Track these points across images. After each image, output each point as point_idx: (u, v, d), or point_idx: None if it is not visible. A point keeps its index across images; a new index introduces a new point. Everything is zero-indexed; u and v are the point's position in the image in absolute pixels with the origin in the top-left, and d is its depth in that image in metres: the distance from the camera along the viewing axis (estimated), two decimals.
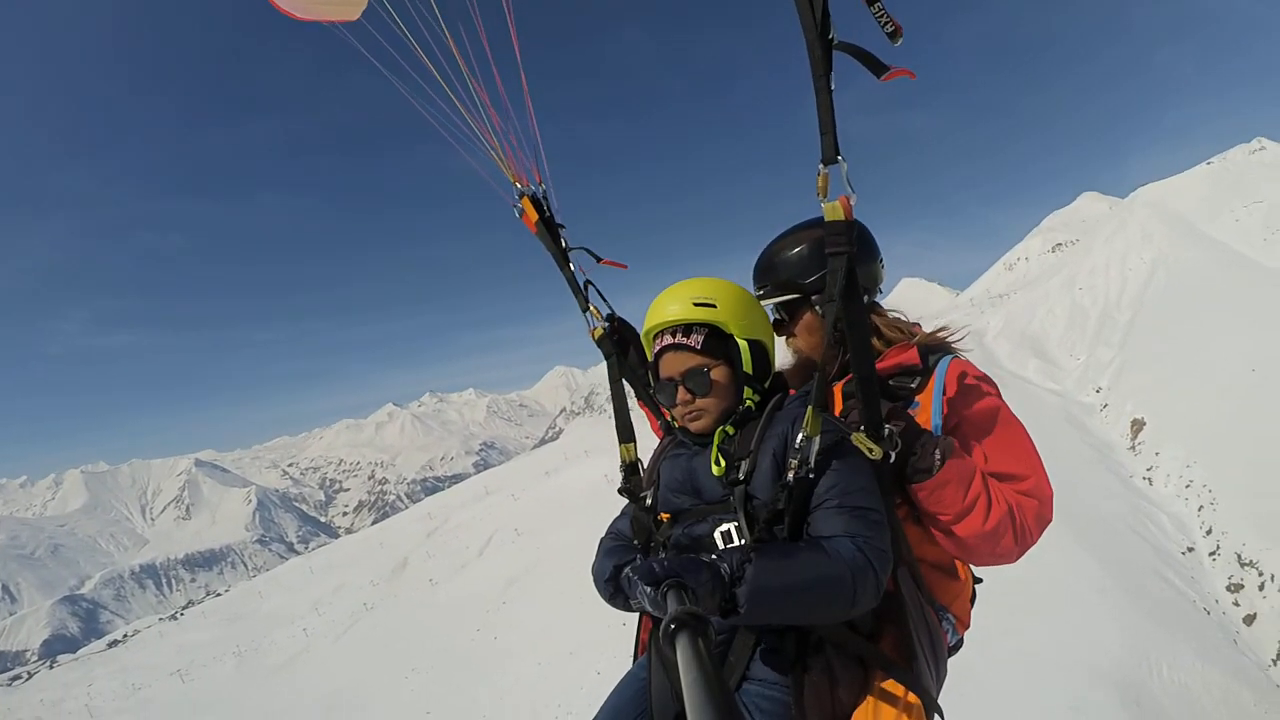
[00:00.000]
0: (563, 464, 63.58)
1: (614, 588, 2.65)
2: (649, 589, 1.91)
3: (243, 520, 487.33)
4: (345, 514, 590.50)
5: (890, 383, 2.92)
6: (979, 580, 3.22)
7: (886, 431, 2.54)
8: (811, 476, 2.39)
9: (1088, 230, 71.86)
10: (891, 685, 2.45)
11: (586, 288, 3.41)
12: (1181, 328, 32.85)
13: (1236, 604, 20.51)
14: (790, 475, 2.39)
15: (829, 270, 2.46)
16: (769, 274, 3.26)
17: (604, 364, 3.30)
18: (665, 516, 2.73)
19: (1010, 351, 41.07)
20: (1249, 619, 20.47)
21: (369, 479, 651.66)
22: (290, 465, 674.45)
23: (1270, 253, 36.71)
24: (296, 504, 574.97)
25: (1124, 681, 14.80)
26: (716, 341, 2.62)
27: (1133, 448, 27.98)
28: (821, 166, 2.31)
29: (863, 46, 2.20)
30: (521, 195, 3.42)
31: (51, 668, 74.03)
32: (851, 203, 2.39)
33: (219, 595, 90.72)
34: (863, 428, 2.50)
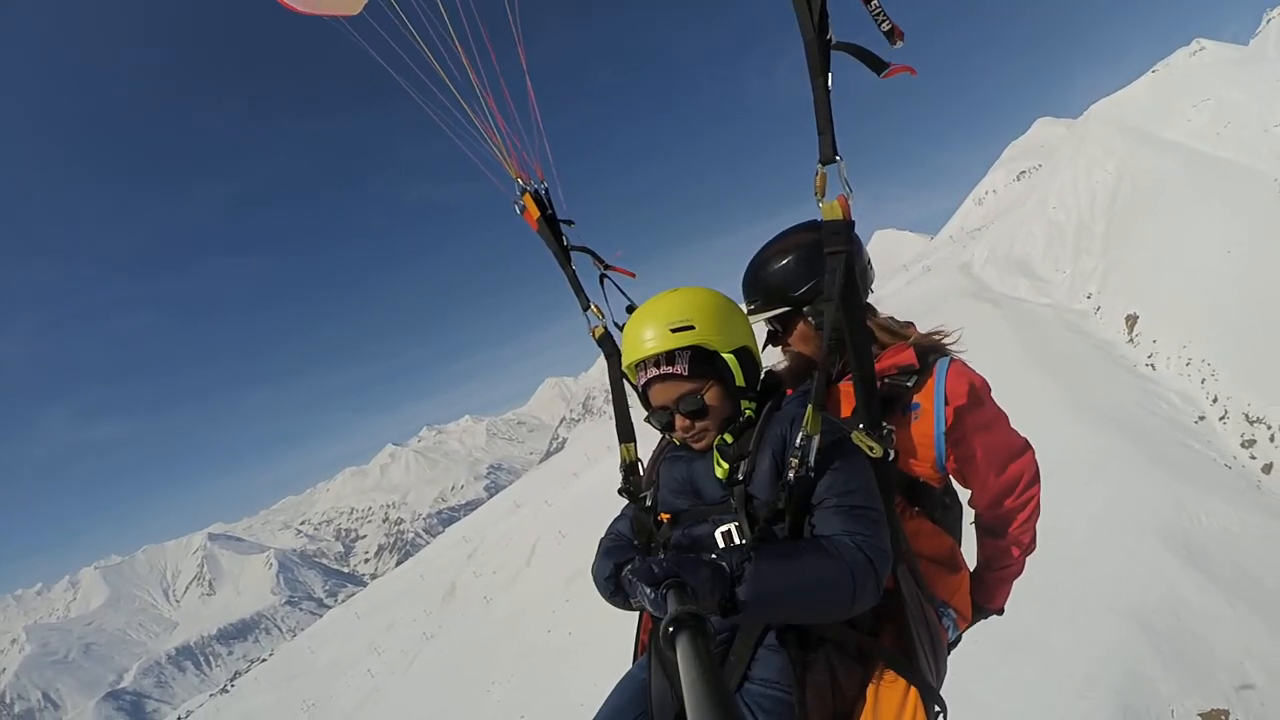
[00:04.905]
0: (586, 464, 63.40)
1: (614, 586, 2.66)
2: (649, 589, 1.92)
3: (267, 585, 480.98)
4: (367, 560, 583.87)
5: (886, 381, 2.91)
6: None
7: (885, 430, 2.63)
8: (812, 476, 2.40)
9: (1048, 154, 72.22)
10: (891, 681, 2.50)
11: (603, 281, 3.38)
12: (1155, 226, 33.96)
13: (1253, 457, 22.04)
14: (791, 474, 2.39)
15: (828, 270, 2.49)
16: (757, 288, 3.24)
17: (595, 368, 3.44)
18: (665, 517, 2.71)
19: (999, 276, 42.05)
20: (1267, 468, 22.02)
21: (384, 522, 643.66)
22: (303, 523, 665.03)
23: (1224, 145, 37.52)
24: (317, 560, 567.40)
25: (1169, 533, 16.24)
26: (703, 361, 2.54)
27: (1131, 340, 29.38)
28: (820, 166, 2.34)
29: (862, 45, 2.25)
30: (523, 192, 3.39)
31: None
32: (850, 202, 2.43)
33: (263, 661, 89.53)
34: (862, 426, 2.58)
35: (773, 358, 3.18)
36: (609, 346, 3.23)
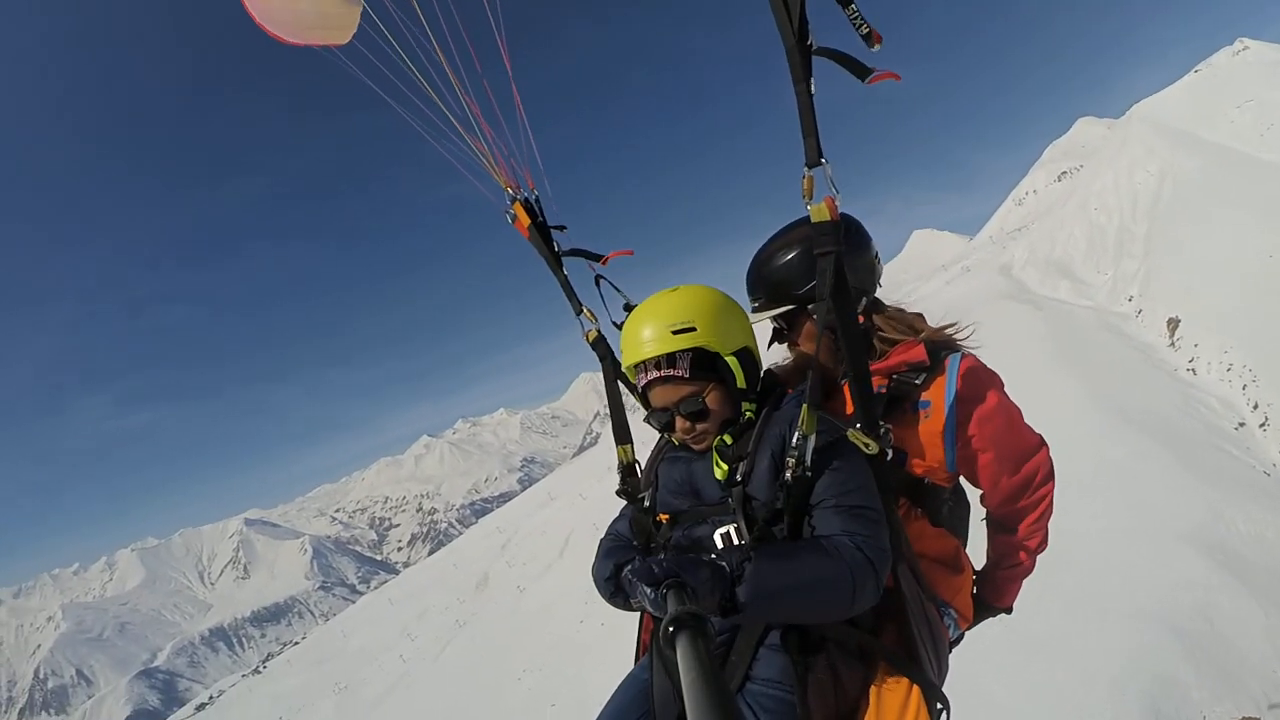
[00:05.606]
0: None
1: (614, 587, 2.65)
2: (649, 589, 1.92)
3: (301, 570, 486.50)
4: (400, 549, 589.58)
5: (895, 378, 2.89)
6: (977, 573, 3.34)
7: (882, 429, 2.58)
8: (809, 475, 2.39)
9: (1089, 154, 71.38)
10: (893, 680, 2.51)
11: (599, 283, 3.39)
12: (1197, 230, 33.35)
13: None
14: (788, 475, 2.39)
15: (819, 271, 2.48)
16: (761, 286, 3.18)
17: None
18: (664, 518, 2.71)
19: (1039, 278, 41.54)
20: None
21: (417, 511, 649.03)
22: (337, 511, 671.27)
23: (1267, 147, 37.11)
24: (351, 547, 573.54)
25: (1204, 538, 16.03)
26: (704, 363, 2.54)
27: (1172, 344, 28.89)
28: (806, 170, 2.36)
29: (844, 50, 2.26)
30: (513, 201, 3.42)
31: None
32: (837, 203, 2.43)
33: (296, 644, 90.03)
34: (858, 425, 2.55)
35: (773, 354, 3.18)
36: (603, 350, 3.27)
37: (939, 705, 2.54)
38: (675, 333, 2.49)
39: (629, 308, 3.22)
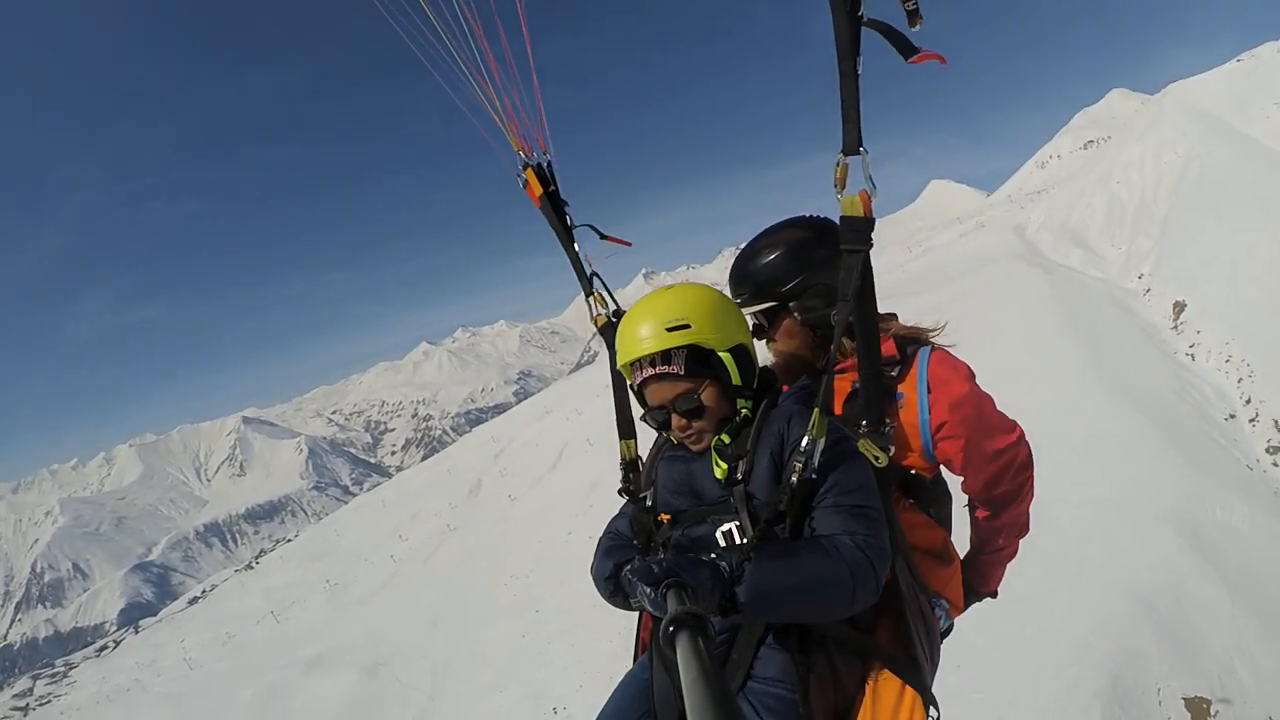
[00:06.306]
0: None
1: (614, 586, 2.63)
2: (648, 589, 1.94)
3: (296, 470, 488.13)
4: (394, 453, 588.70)
5: None
6: (962, 560, 3.35)
7: (886, 426, 2.60)
8: (814, 477, 2.39)
9: (1119, 127, 70.55)
10: (889, 677, 2.53)
11: (593, 279, 3.33)
12: (1216, 219, 33.38)
13: (1275, 464, 22.00)
14: (795, 477, 2.37)
15: (843, 268, 2.42)
16: (745, 281, 3.19)
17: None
18: (665, 517, 2.70)
19: (1053, 243, 41.58)
20: None
21: (413, 417, 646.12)
22: (334, 412, 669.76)
23: None
24: (346, 448, 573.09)
25: (1183, 521, 16.66)
26: (699, 360, 2.54)
27: (1175, 327, 29.20)
28: (841, 156, 2.23)
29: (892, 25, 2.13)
30: (525, 166, 3.26)
31: (137, 632, 72.91)
32: (873, 199, 2.32)
33: (289, 541, 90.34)
34: (865, 426, 2.58)
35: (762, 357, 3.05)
36: (610, 337, 3.15)
37: (933, 710, 2.59)
38: (670, 330, 2.50)
39: (618, 314, 3.21)
